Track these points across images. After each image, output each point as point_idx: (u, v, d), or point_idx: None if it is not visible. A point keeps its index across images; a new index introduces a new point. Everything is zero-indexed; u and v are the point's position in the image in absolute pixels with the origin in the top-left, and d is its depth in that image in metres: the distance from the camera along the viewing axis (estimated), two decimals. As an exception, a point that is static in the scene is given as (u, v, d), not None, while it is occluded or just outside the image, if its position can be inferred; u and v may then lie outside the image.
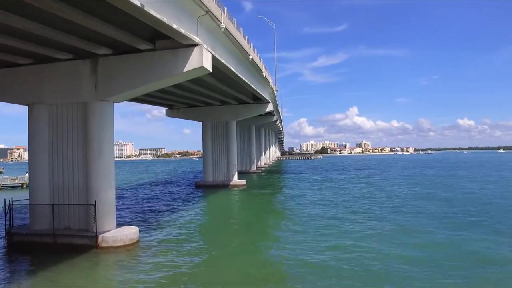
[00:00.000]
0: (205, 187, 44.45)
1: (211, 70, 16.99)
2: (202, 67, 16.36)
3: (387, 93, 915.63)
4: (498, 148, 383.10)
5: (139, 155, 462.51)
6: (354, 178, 56.61)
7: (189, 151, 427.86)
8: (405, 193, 35.44)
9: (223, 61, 21.14)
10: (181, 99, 42.40)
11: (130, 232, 17.26)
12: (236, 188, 43.05)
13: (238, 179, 46.56)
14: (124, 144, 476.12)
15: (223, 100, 43.79)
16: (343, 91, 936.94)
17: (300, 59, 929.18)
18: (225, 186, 44.33)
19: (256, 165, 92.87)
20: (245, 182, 45.41)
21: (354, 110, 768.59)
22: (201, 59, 16.19)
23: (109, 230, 17.12)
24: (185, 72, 16.43)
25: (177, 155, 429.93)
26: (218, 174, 45.40)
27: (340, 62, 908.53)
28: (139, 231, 18.12)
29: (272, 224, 22.80)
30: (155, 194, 38.49)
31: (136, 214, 25.72)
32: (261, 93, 38.53)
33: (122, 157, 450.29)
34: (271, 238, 19.20)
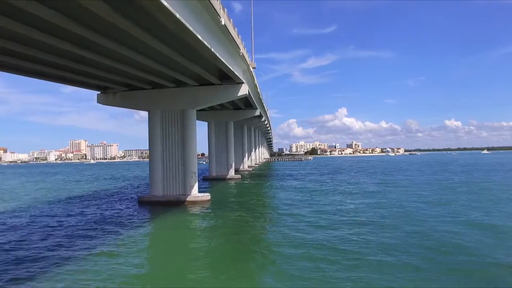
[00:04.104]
0: (151, 205, 30.83)
1: None
2: None
3: (376, 94, 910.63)
4: (483, 149, 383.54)
5: (124, 156, 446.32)
6: (369, 187, 43.11)
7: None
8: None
9: None
10: (116, 77, 28.86)
11: None
12: (194, 207, 29.53)
13: (199, 191, 33.05)
14: (108, 145, 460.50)
15: (178, 79, 30.37)
16: (332, 92, 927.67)
17: (289, 60, 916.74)
18: (179, 202, 30.76)
19: (239, 168, 79.81)
20: (209, 197, 31.86)
21: (343, 111, 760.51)
22: None
23: None
24: None
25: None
26: (170, 186, 31.78)
27: (329, 64, 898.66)
28: None
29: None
30: (65, 222, 24.54)
31: None
32: (227, 65, 25.10)
33: (106, 159, 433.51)
34: None
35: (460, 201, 29.11)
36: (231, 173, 58.59)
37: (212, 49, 20.02)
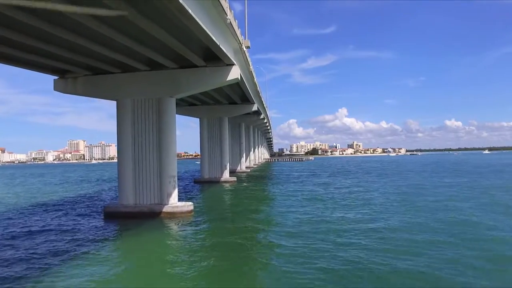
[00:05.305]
0: (118, 217, 24.57)
1: None
2: None
3: (376, 94, 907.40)
4: (484, 149, 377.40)
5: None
6: (388, 193, 35.44)
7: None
8: None
9: None
10: (76, 56, 22.66)
11: None
12: (171, 220, 23.29)
13: (183, 199, 26.85)
14: (107, 146, 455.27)
15: (153, 60, 24.19)
16: (332, 92, 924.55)
17: (289, 60, 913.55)
18: (153, 214, 24.49)
19: (236, 170, 73.88)
20: (192, 207, 25.54)
21: (344, 111, 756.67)
22: None
23: None
24: None
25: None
26: (143, 193, 25.49)
27: (329, 64, 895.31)
28: None
29: None
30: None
31: None
32: (206, 31, 18.69)
33: (104, 159, 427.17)
34: None
35: None
36: (226, 175, 52.28)
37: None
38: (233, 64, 25.13)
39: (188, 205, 25.36)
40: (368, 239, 16.93)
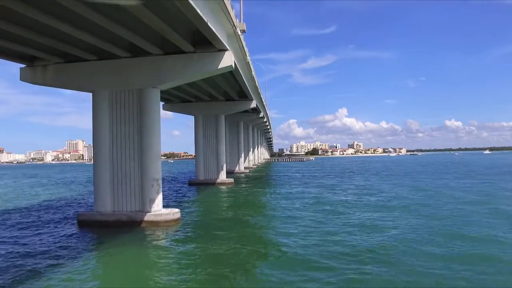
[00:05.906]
0: (94, 227, 21.18)
1: None
2: None
3: (376, 94, 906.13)
4: (485, 149, 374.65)
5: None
6: (404, 196, 31.78)
7: (175, 152, 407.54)
8: None
9: None
10: (44, 39, 19.34)
11: None
12: (152, 231, 19.88)
13: (167, 203, 23.42)
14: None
15: (134, 45, 20.84)
16: (332, 92, 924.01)
17: (289, 60, 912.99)
18: (133, 223, 21.10)
19: (234, 170, 70.65)
20: (178, 215, 22.14)
21: (344, 111, 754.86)
22: None
23: None
24: None
25: (163, 157, 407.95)
26: (122, 199, 22.07)
27: (329, 64, 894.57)
28: None
29: None
30: None
31: None
32: (197, 11, 15.42)
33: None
34: None
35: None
36: (222, 176, 48.83)
37: None
38: (226, 50, 21.71)
39: (174, 213, 21.91)
40: (395, 261, 13.54)
